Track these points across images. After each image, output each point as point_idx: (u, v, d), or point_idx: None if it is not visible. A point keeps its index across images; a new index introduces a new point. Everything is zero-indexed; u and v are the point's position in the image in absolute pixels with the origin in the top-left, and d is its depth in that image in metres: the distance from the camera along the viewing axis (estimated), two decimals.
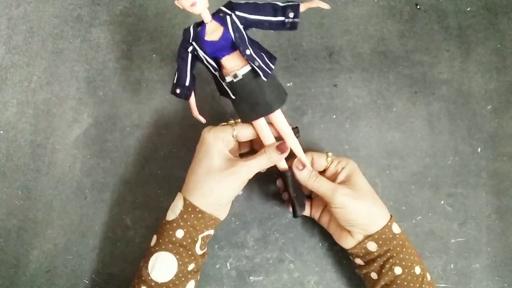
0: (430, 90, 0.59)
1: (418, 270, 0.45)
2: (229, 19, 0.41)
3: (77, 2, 0.61)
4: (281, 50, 0.59)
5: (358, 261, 0.48)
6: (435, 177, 0.57)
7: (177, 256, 0.44)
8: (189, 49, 0.43)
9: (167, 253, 0.44)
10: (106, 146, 0.57)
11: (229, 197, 0.46)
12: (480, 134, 0.58)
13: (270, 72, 0.43)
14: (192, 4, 0.39)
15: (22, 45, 0.59)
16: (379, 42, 0.60)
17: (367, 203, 0.46)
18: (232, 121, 0.48)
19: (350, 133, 0.58)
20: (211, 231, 0.47)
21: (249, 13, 0.41)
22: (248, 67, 0.42)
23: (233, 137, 0.46)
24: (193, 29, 0.42)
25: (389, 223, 0.46)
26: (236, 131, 0.46)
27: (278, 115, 0.46)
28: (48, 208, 0.56)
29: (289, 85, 0.58)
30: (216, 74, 0.43)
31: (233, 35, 0.41)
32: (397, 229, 0.46)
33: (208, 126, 0.47)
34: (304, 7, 0.42)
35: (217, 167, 0.44)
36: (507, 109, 0.58)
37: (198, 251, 0.45)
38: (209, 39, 0.41)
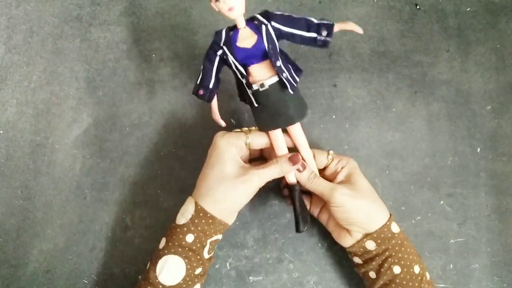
0: (430, 90, 0.59)
1: (417, 269, 0.45)
2: (264, 28, 0.41)
3: (77, 2, 0.61)
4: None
5: (356, 259, 0.48)
6: (434, 177, 0.57)
7: (186, 260, 0.44)
8: (218, 53, 0.42)
9: (176, 256, 0.44)
10: (105, 146, 0.57)
11: (240, 204, 0.46)
12: (480, 134, 0.58)
13: (296, 85, 0.43)
14: (230, 9, 0.39)
15: (22, 45, 0.59)
16: (378, 42, 0.60)
17: (366, 202, 0.46)
18: (246, 128, 0.47)
19: (350, 133, 0.58)
20: (219, 236, 0.47)
21: (284, 25, 0.41)
22: (276, 78, 0.42)
23: (246, 144, 0.46)
24: (225, 33, 0.42)
25: (388, 222, 0.46)
26: (250, 138, 0.46)
27: (297, 127, 0.46)
28: (48, 208, 0.56)
29: None
30: (243, 81, 0.43)
31: (266, 45, 0.41)
32: (396, 228, 0.46)
33: (221, 131, 0.47)
34: (338, 28, 0.42)
35: (230, 173, 0.44)
36: (506, 109, 0.58)
37: (205, 255, 0.45)
38: (241, 45, 0.41)
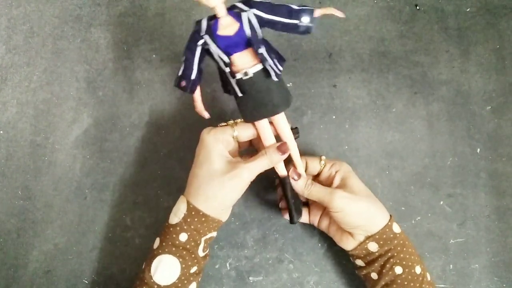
0: (430, 90, 0.59)
1: (418, 270, 0.45)
2: (245, 16, 0.40)
3: (77, 2, 0.61)
4: (280, 51, 0.58)
5: (359, 262, 0.48)
6: (434, 177, 0.57)
7: (180, 259, 0.44)
8: (199, 42, 0.41)
9: (170, 256, 0.44)
10: (106, 146, 0.57)
11: (232, 200, 0.45)
12: (480, 135, 0.58)
13: (280, 73, 0.43)
14: None
15: (22, 45, 0.60)
16: (378, 43, 0.60)
17: (365, 204, 0.46)
18: (232, 121, 0.47)
19: (350, 134, 0.58)
20: (214, 233, 0.46)
21: (265, 12, 0.41)
22: (260, 66, 0.42)
23: (233, 138, 0.46)
24: (206, 22, 0.41)
25: (389, 222, 0.46)
26: (236, 131, 0.46)
27: (281, 117, 0.45)
28: (48, 208, 0.56)
29: (288, 85, 0.58)
30: (226, 69, 0.42)
31: (248, 32, 0.40)
32: (397, 228, 0.46)
33: (207, 128, 0.46)
34: (319, 13, 0.41)
35: (218, 170, 0.44)
36: (506, 109, 0.58)
37: (200, 253, 0.45)
38: (222, 33, 0.40)
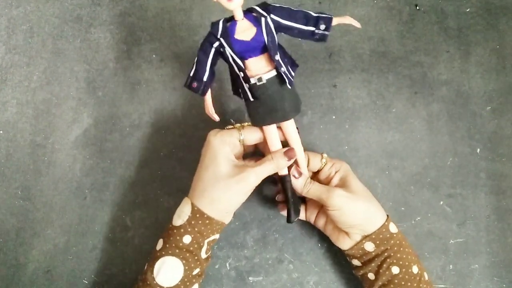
0: (430, 90, 0.59)
1: (415, 270, 0.45)
2: (264, 21, 0.40)
3: (77, 2, 0.61)
4: None
5: (355, 262, 0.48)
6: (434, 177, 0.57)
7: (183, 261, 0.44)
8: (214, 44, 0.41)
9: (173, 258, 0.44)
10: (105, 146, 0.57)
11: (237, 203, 0.45)
12: (480, 135, 0.58)
13: (293, 80, 0.43)
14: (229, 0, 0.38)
15: (22, 45, 0.59)
16: (378, 43, 0.60)
17: (363, 203, 0.46)
18: (239, 124, 0.47)
19: (350, 134, 0.58)
20: (216, 235, 0.46)
21: (283, 18, 0.41)
22: (274, 72, 0.42)
23: (239, 141, 0.46)
24: (222, 24, 0.40)
25: (386, 222, 0.46)
26: (243, 135, 0.45)
27: (291, 123, 0.46)
28: (48, 208, 0.56)
29: None
30: (240, 74, 0.42)
31: (266, 38, 0.40)
32: (394, 228, 0.46)
33: (214, 130, 0.46)
34: (336, 22, 0.41)
35: (224, 173, 0.43)
36: (506, 110, 0.58)
37: (203, 255, 0.45)
38: (239, 38, 0.40)
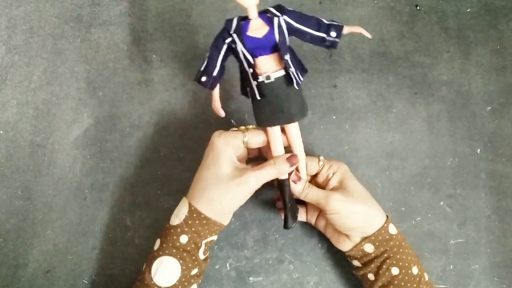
0: (430, 91, 0.59)
1: (415, 270, 0.45)
2: (276, 21, 0.41)
3: (77, 2, 0.61)
4: None
5: (355, 263, 0.48)
6: (434, 178, 0.57)
7: (180, 261, 0.44)
8: (227, 40, 0.42)
9: (170, 257, 0.43)
10: (106, 146, 0.57)
11: (235, 206, 0.45)
12: (480, 135, 0.58)
13: (301, 82, 0.44)
14: None
15: (22, 45, 0.59)
16: (379, 43, 0.60)
17: (362, 205, 0.46)
18: (243, 127, 0.47)
19: (350, 134, 0.58)
20: (214, 236, 0.46)
21: (295, 21, 0.42)
22: (282, 72, 0.42)
23: (243, 143, 0.46)
24: (236, 21, 0.42)
25: (385, 224, 0.46)
26: (247, 137, 0.45)
27: (295, 126, 0.46)
28: (48, 208, 0.56)
29: None
30: (249, 70, 0.43)
31: (277, 37, 0.41)
32: (393, 229, 0.46)
33: (218, 131, 0.46)
34: (347, 30, 0.42)
35: (226, 175, 0.43)
36: (506, 110, 0.58)
37: (201, 256, 0.45)
38: (252, 34, 0.41)
